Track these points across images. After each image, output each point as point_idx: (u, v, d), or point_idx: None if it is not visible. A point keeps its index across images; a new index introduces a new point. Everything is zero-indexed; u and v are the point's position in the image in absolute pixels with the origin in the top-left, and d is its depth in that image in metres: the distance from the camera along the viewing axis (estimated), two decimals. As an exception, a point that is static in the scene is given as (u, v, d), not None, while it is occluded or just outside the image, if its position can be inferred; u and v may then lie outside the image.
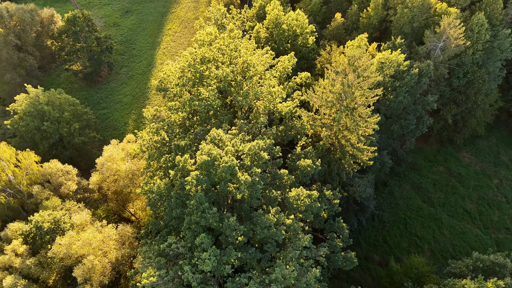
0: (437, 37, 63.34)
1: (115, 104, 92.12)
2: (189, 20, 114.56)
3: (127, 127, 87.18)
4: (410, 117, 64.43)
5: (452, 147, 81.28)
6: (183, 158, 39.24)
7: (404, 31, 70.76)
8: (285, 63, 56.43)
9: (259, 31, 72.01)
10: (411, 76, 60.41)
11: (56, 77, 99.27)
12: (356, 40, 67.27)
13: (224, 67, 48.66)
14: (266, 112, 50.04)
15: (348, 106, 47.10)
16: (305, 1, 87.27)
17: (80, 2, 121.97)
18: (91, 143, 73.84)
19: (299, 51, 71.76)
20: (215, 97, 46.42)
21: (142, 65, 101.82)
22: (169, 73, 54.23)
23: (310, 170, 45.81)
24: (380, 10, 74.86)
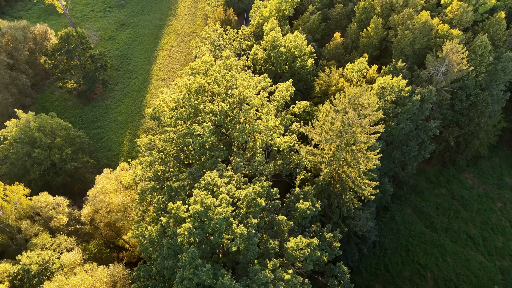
0: (439, 61, 61.55)
1: (110, 123, 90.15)
2: (186, 34, 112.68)
3: (122, 147, 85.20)
4: (412, 143, 62.61)
5: (454, 168, 79.47)
6: (176, 206, 37.39)
7: (405, 53, 68.96)
8: (283, 93, 54.58)
9: (256, 53, 70.17)
10: (413, 103, 58.59)
11: (50, 94, 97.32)
12: (356, 63, 65.56)
13: (220, 102, 46.77)
14: (264, 146, 48.19)
15: (348, 142, 45.29)
16: (303, 19, 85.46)
17: (75, 14, 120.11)
18: (84, 167, 71.75)
19: (297, 73, 69.94)
20: (210, 134, 44.56)
21: (138, 81, 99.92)
22: (163, 105, 52.28)
23: (309, 213, 44.01)
24: (380, 30, 73.06)
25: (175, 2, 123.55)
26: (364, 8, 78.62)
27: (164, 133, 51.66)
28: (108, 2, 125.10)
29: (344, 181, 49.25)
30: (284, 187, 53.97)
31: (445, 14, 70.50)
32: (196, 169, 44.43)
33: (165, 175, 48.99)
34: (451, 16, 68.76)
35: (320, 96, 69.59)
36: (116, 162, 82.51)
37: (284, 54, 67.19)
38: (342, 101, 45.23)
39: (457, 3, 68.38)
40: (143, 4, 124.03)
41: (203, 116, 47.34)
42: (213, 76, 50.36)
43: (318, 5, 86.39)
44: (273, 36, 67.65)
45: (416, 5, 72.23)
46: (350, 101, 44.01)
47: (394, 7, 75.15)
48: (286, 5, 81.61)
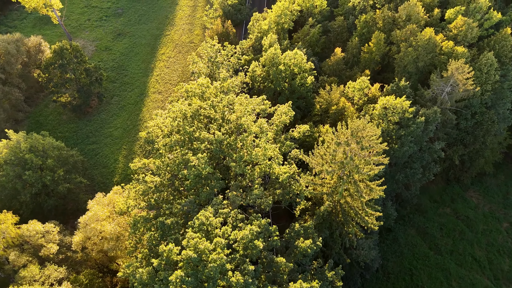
0: (444, 81, 59.43)
1: (105, 138, 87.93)
2: (184, 44, 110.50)
3: (117, 164, 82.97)
4: (416, 165, 60.48)
5: (459, 186, 77.35)
6: (167, 248, 35.26)
7: (408, 70, 66.85)
8: (282, 117, 52.41)
9: (254, 70, 68.04)
10: (417, 125, 56.46)
11: (44, 107, 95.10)
12: (358, 82, 63.43)
13: (216, 129, 44.60)
14: (262, 175, 46.05)
15: (350, 174, 43.13)
16: (303, 31, 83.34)
17: (71, 24, 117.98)
18: (78, 188, 69.52)
19: (297, 90, 67.81)
20: (205, 165, 42.40)
21: (134, 94, 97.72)
22: (157, 130, 50.06)
23: (310, 251, 41.84)
24: (382, 45, 70.97)
25: (173, 11, 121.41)
26: (365, 22, 76.58)
27: (159, 157, 49.48)
28: (104, 11, 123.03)
29: (346, 212, 47.12)
30: (283, 212, 51.81)
31: (449, 29, 68.42)
32: (191, 201, 42.29)
33: (158, 204, 46.82)
34: (455, 32, 66.68)
35: (320, 114, 67.47)
36: (111, 179, 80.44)
37: (284, 72, 65.06)
38: (344, 133, 43.08)
39: (462, 19, 66.30)
40: (141, 13, 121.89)
41: (198, 145, 45.16)
42: (209, 101, 48.21)
43: (318, 17, 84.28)
44: (272, 53, 65.53)
45: (419, 20, 70.18)
46: (352, 133, 41.88)
47: (397, 22, 73.10)
48: (285, 18, 79.52)
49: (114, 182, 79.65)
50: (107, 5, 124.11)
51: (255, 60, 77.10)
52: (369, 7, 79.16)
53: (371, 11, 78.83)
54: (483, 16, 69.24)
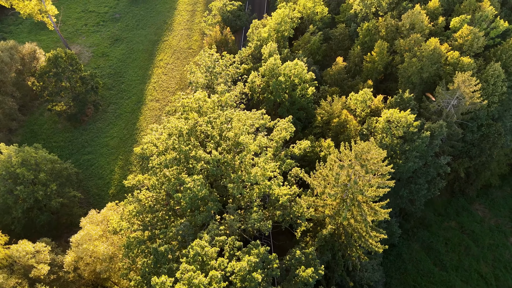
0: (450, 93, 57.37)
1: (101, 148, 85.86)
2: (182, 50, 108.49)
3: (113, 175, 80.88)
4: (421, 180, 58.42)
5: (464, 198, 75.27)
6: (160, 281, 33.18)
7: (412, 81, 64.78)
8: (282, 133, 50.32)
9: (254, 81, 65.99)
10: (422, 140, 54.38)
11: (39, 116, 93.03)
12: (360, 94, 61.34)
13: (213, 148, 42.55)
14: (261, 196, 43.99)
15: (354, 197, 41.10)
16: (304, 39, 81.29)
17: (67, 29, 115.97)
18: (72, 202, 67.43)
19: (297, 102, 65.73)
20: (202, 187, 40.35)
21: (131, 102, 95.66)
22: (152, 148, 47.97)
23: (312, 281, 39.76)
24: (385, 55, 68.93)
25: (171, 16, 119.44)
26: (368, 30, 74.53)
27: (154, 175, 47.44)
28: (102, 16, 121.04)
29: (349, 235, 45.09)
30: (282, 231, 49.75)
31: (455, 39, 66.37)
32: (186, 225, 40.25)
33: (153, 225, 44.78)
34: (461, 42, 64.63)
35: (321, 126, 65.41)
36: (106, 191, 78.40)
37: (283, 83, 63.02)
38: (348, 155, 41.05)
39: (468, 28, 64.25)
40: (138, 18, 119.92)
41: (194, 164, 43.11)
42: (206, 117, 46.16)
43: (319, 24, 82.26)
44: (272, 64, 63.48)
45: (423, 29, 68.13)
46: (356, 156, 39.86)
47: (400, 30, 71.05)
48: (285, 26, 77.48)
49: (109, 194, 77.69)
50: (104, 9, 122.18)
51: (254, 69, 75.12)
52: (371, 15, 77.15)
53: (374, 18, 76.79)
54: (489, 25, 67.22)
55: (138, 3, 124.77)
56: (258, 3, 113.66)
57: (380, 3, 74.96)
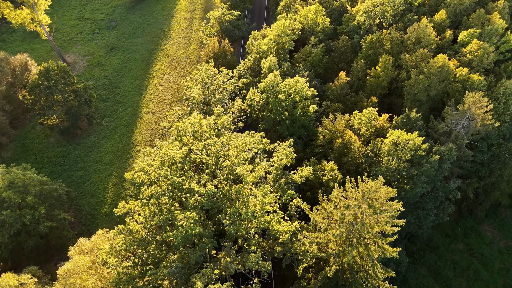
0: (460, 114, 54.28)
1: (95, 163, 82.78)
2: (179, 60, 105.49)
3: (106, 193, 77.80)
4: (429, 206, 55.34)
5: (472, 218, 72.13)
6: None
7: (418, 98, 61.70)
8: (282, 160, 47.19)
9: (252, 98, 62.94)
10: (431, 164, 51.29)
11: (31, 129, 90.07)
12: (365, 113, 58.23)
13: (208, 182, 39.47)
14: (259, 233, 40.94)
15: (361, 236, 38.06)
16: (305, 51, 78.24)
17: (61, 37, 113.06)
18: (61, 225, 64.30)
19: (298, 120, 62.68)
20: (195, 225, 37.30)
21: (127, 114, 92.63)
22: (143, 177, 44.88)
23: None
24: (390, 70, 65.88)
25: (169, 24, 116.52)
26: (371, 43, 71.51)
27: (146, 205, 44.35)
28: (97, 23, 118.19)
29: (354, 272, 42.03)
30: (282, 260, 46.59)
31: (463, 54, 63.30)
32: (177, 267, 37.18)
33: (143, 261, 41.71)
34: (470, 57, 61.56)
35: (323, 145, 62.30)
36: (99, 210, 75.33)
37: (284, 101, 59.95)
38: (354, 194, 38.00)
39: (477, 43, 61.20)
40: (135, 26, 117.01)
41: (187, 198, 40.04)
42: (201, 144, 43.13)
43: (320, 36, 79.19)
44: (272, 81, 60.44)
45: (430, 43, 65.07)
46: (364, 196, 36.85)
47: (406, 44, 68.00)
48: (285, 38, 74.46)
49: (102, 214, 74.64)
50: (100, 17, 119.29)
51: (253, 83, 72.11)
52: (375, 26, 74.10)
53: (378, 31, 73.79)
54: (500, 39, 64.18)
55: (135, 10, 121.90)
56: (258, 12, 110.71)
57: (384, 15, 71.94)
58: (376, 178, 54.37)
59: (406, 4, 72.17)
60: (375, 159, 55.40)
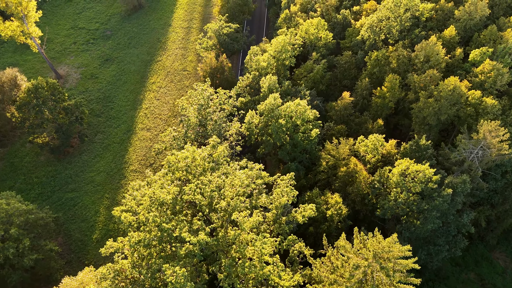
0: (474, 143, 50.53)
1: (86, 184, 79.06)
2: (176, 72, 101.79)
3: (98, 217, 74.05)
4: (441, 241, 51.59)
5: (483, 245, 68.37)
6: None
7: (428, 122, 57.94)
8: (283, 199, 43.42)
9: (251, 121, 59.22)
10: (444, 198, 47.53)
11: (20, 146, 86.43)
12: (371, 139, 54.46)
13: (201, 231, 35.74)
14: (258, 286, 37.27)
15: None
16: (306, 67, 74.51)
17: (55, 48, 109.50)
18: (48, 257, 60.54)
19: (299, 144, 58.96)
20: (186, 281, 33.57)
21: (120, 131, 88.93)
22: (130, 219, 41.15)
23: None
24: (397, 90, 62.17)
25: (165, 34, 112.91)
26: (377, 60, 67.83)
27: (134, 248, 40.61)
28: (92, 33, 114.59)
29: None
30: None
31: (475, 74, 59.58)
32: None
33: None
34: (482, 78, 57.83)
35: (326, 171, 58.53)
36: (90, 236, 71.58)
37: (284, 126, 56.23)
38: (365, 254, 34.33)
39: (490, 63, 57.48)
40: (131, 36, 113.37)
41: (178, 249, 36.33)
42: (193, 184, 39.43)
43: (322, 51, 75.47)
44: (271, 104, 56.75)
45: (439, 62, 61.37)
46: (375, 256, 33.20)
47: (413, 62, 64.29)
48: (286, 54, 70.78)
49: (93, 240, 70.90)
50: (95, 26, 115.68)
51: (252, 103, 68.40)
52: (381, 42, 70.37)
53: (383, 47, 70.09)
54: (514, 58, 60.44)
55: (131, 19, 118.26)
56: (257, 23, 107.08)
57: (390, 30, 68.22)
58: (383, 211, 50.78)
59: (413, 19, 68.47)
60: (382, 190, 51.69)
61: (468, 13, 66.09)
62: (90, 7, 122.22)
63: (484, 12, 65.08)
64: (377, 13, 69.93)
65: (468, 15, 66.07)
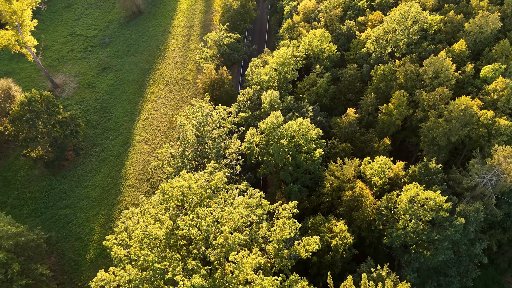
0: (487, 168, 47.70)
1: (81, 200, 76.47)
2: (175, 81, 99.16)
3: (92, 235, 71.43)
4: (452, 272, 48.74)
5: (493, 268, 65.40)
6: None
7: (437, 142, 55.12)
8: (285, 232, 40.64)
9: (251, 141, 56.51)
10: (456, 228, 44.71)
11: (14, 159, 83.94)
12: (378, 162, 51.63)
13: (196, 274, 33.03)
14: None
15: None
16: (309, 80, 71.81)
17: (52, 56, 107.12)
18: (39, 281, 57.94)
19: (302, 165, 56.23)
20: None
21: (117, 143, 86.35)
22: (120, 254, 38.49)
23: None
24: (404, 108, 59.38)
25: (165, 41, 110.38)
26: (383, 75, 65.08)
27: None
28: (90, 40, 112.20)
29: None
30: None
31: (487, 92, 56.74)
32: None
33: None
34: (495, 97, 55.01)
35: (330, 193, 55.73)
36: (84, 256, 68.99)
37: (286, 147, 53.52)
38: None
39: (503, 81, 54.68)
40: (129, 43, 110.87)
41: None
42: (188, 218, 36.77)
43: (326, 63, 72.76)
44: (273, 123, 54.06)
45: (449, 78, 58.56)
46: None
47: (421, 77, 61.49)
48: (288, 67, 68.13)
49: (87, 260, 68.32)
50: (93, 33, 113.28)
51: (253, 118, 65.79)
52: (387, 55, 67.61)
53: (390, 61, 67.33)
54: (528, 75, 57.64)
55: (130, 25, 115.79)
56: (259, 31, 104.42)
57: (397, 44, 65.44)
58: (391, 240, 48.03)
59: (420, 31, 65.69)
60: (389, 216, 48.93)
61: (478, 26, 63.32)
62: (89, 13, 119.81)
63: (496, 25, 62.31)
64: (384, 25, 67.20)
65: (478, 28, 63.29)
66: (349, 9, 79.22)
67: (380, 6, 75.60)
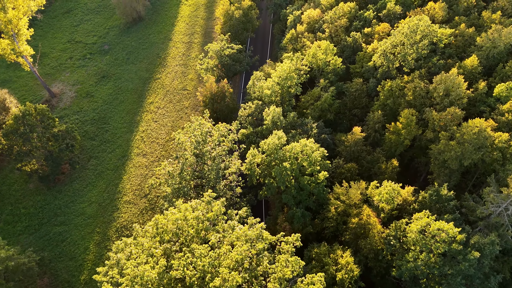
0: (504, 197, 44.81)
1: (76, 217, 73.95)
2: (176, 91, 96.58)
3: (87, 255, 68.86)
4: (464, 306, 45.80)
5: (504, 293, 62.30)
6: None
7: (448, 166, 52.26)
8: (288, 271, 37.89)
9: (252, 162, 53.79)
10: (470, 262, 41.85)
11: (8, 173, 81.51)
12: (385, 187, 48.77)
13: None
14: None
15: None
16: (313, 94, 69.08)
17: (50, 63, 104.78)
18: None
19: (305, 188, 53.49)
20: None
21: (115, 156, 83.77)
22: None
23: None
24: (413, 127, 56.55)
25: (165, 49, 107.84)
26: (390, 91, 62.25)
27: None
28: (89, 47, 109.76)
29: None
30: None
31: (501, 112, 53.84)
32: None
33: None
34: (510, 118, 52.08)
35: (335, 218, 52.88)
36: (78, 277, 66.43)
37: (289, 169, 50.80)
38: None
39: (518, 101, 51.76)
40: (129, 50, 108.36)
41: None
42: (183, 259, 34.16)
43: (331, 77, 69.98)
44: (275, 144, 51.36)
45: (461, 96, 55.68)
46: None
47: (431, 95, 58.65)
48: (291, 81, 65.43)
49: (81, 281, 65.74)
50: (93, 40, 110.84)
51: (254, 135, 63.13)
52: (395, 70, 64.80)
53: (398, 76, 64.53)
54: (544, 94, 54.69)
55: (130, 32, 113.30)
56: (261, 41, 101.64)
57: (405, 58, 62.61)
58: (400, 272, 45.22)
59: (430, 45, 62.83)
60: (398, 246, 46.11)
61: (491, 40, 60.44)
62: (88, 19, 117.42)
63: (509, 40, 59.43)
64: (391, 38, 64.38)
65: (491, 42, 60.41)
66: (355, 20, 76.48)
67: (387, 17, 72.78)
